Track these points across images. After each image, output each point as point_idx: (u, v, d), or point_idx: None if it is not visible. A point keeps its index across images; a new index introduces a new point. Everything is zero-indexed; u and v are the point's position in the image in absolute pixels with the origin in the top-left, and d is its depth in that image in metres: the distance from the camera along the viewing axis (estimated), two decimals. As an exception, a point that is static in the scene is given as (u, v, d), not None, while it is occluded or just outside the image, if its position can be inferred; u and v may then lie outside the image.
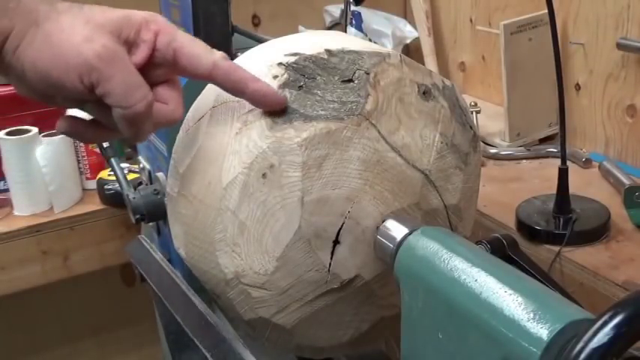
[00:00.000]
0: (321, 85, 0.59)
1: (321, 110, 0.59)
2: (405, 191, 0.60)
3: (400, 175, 0.59)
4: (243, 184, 0.58)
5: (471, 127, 0.66)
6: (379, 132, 0.59)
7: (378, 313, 0.63)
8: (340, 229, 0.58)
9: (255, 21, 1.55)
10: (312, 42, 0.64)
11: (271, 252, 0.58)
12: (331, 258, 0.58)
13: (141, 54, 0.54)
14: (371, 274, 0.60)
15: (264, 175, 0.58)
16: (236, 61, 0.67)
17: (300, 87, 0.59)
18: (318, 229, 0.58)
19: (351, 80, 0.60)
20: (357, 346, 0.66)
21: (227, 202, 0.59)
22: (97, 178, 1.25)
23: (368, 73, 0.60)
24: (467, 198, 0.65)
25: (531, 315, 0.42)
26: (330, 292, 0.60)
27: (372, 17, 1.58)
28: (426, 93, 0.62)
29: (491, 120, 1.35)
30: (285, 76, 0.59)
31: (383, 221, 0.58)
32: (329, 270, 0.58)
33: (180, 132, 0.69)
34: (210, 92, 0.65)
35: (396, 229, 0.56)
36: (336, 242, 0.58)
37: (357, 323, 0.63)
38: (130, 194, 0.83)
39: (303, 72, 0.60)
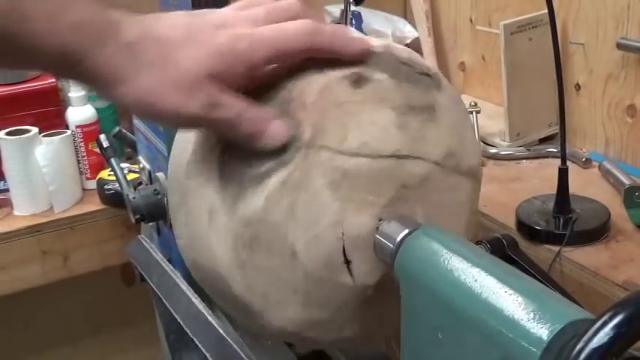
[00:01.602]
0: None
1: (266, 163, 0.56)
2: (384, 183, 0.58)
3: (371, 174, 0.57)
4: (235, 257, 0.58)
5: (424, 73, 0.61)
6: (330, 149, 0.56)
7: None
8: (343, 251, 0.58)
9: (255, 21, 1.55)
10: None
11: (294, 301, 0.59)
12: (351, 275, 0.58)
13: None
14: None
15: (251, 247, 0.57)
16: None
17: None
18: (324, 264, 0.57)
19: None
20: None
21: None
22: (97, 178, 1.25)
23: (292, 98, 0.57)
24: (456, 133, 0.62)
25: (531, 315, 0.41)
26: (367, 298, 0.60)
27: (372, 17, 1.58)
28: (357, 81, 0.58)
29: (492, 120, 1.35)
30: None
31: (380, 220, 0.58)
32: (356, 285, 0.59)
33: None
34: None
35: (396, 229, 0.56)
36: (347, 262, 0.58)
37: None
38: (130, 194, 0.83)
39: None
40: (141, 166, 0.94)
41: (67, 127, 1.25)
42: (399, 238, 0.55)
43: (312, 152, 0.56)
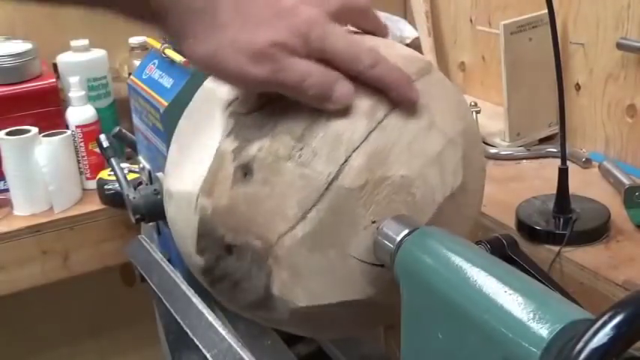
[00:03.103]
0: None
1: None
2: (343, 204, 0.59)
3: (328, 212, 0.58)
4: None
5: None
6: (285, 234, 0.58)
7: None
8: (371, 263, 0.59)
9: (255, 21, 1.55)
10: None
11: None
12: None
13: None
14: None
15: None
16: None
17: None
18: (370, 284, 0.59)
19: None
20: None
21: None
22: (97, 178, 1.25)
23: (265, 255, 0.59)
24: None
25: (531, 315, 0.41)
26: None
27: (372, 17, 1.58)
28: (245, 172, 0.59)
29: (492, 120, 1.35)
30: None
31: (373, 222, 0.58)
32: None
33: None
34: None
35: (396, 229, 0.56)
36: (381, 265, 0.60)
37: None
38: (130, 194, 0.83)
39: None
40: (141, 166, 0.94)
41: (67, 127, 1.25)
42: (398, 239, 0.55)
43: (277, 249, 0.57)
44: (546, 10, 0.90)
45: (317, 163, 0.57)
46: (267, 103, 0.59)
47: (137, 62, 1.28)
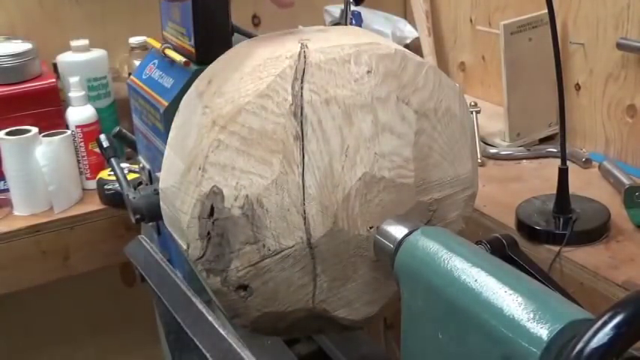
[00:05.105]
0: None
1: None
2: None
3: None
4: None
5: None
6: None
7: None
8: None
9: (256, 21, 1.55)
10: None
11: None
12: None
13: None
14: None
15: None
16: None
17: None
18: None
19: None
20: None
21: None
22: (97, 178, 1.25)
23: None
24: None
25: (531, 315, 0.42)
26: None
27: (372, 17, 1.58)
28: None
29: (492, 120, 1.35)
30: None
31: (370, 228, 0.59)
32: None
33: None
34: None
35: (396, 229, 0.56)
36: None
37: None
38: (130, 194, 0.83)
39: None
40: (141, 166, 0.94)
41: (67, 127, 1.25)
42: (398, 239, 0.55)
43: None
44: (546, 10, 0.90)
45: None
46: None
47: (137, 62, 1.28)
